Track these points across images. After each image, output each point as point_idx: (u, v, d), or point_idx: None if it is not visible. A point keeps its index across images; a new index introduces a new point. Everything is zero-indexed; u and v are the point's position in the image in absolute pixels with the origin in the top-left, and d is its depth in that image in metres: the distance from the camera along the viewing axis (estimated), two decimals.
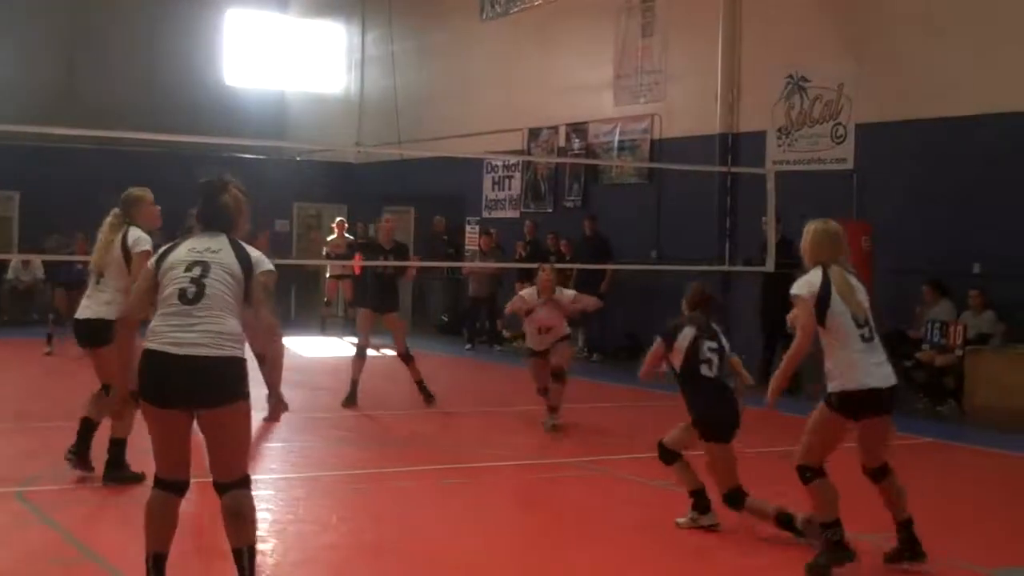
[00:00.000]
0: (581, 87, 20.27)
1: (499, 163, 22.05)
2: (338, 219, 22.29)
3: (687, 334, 7.58)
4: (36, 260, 21.08)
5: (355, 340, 13.36)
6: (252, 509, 5.55)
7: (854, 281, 6.74)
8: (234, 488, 5.46)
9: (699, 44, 18.04)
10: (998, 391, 13.33)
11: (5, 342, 19.25)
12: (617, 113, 19.55)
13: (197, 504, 6.70)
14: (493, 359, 18.94)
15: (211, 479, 5.50)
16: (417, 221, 24.24)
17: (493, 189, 22.40)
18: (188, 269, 5.49)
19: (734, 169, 17.24)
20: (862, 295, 6.74)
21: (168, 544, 5.53)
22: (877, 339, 6.70)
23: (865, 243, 14.70)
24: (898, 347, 14.41)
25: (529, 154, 21.24)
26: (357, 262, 20.53)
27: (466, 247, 22.27)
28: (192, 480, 5.59)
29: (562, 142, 20.76)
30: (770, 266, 14.66)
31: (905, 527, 6.77)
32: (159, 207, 8.79)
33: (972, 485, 10.03)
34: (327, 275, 22.05)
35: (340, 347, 19.50)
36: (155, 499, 5.52)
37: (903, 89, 15.27)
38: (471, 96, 22.65)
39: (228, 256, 5.57)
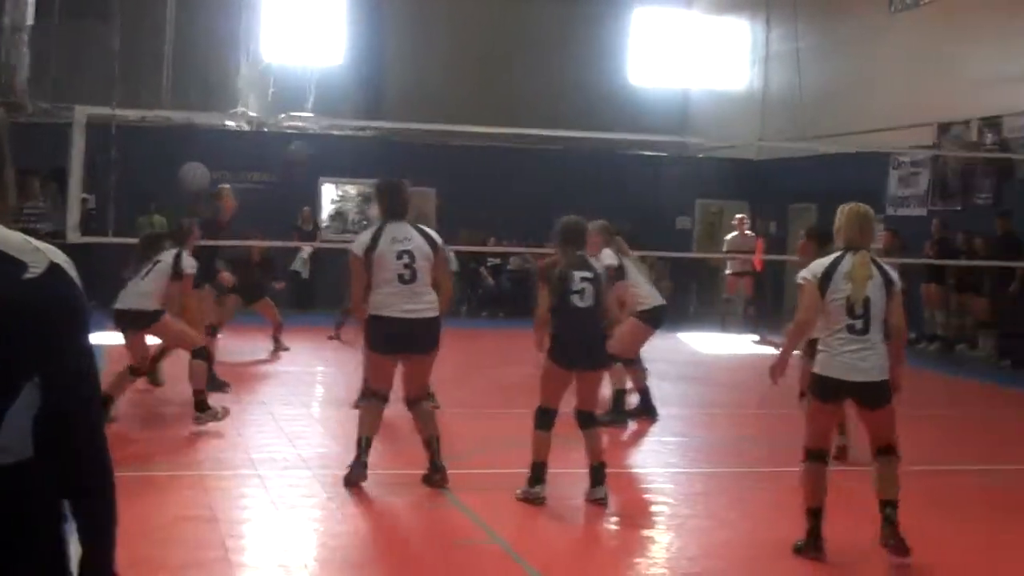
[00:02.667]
0: (995, 79, 19.39)
1: (905, 159, 21.46)
2: (739, 216, 22.30)
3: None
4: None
5: None
6: None
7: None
8: None
9: None
10: None
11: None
12: None
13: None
14: None
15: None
16: (819, 218, 23.91)
17: (899, 186, 21.83)
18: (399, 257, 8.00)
19: None
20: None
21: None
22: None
23: None
24: None
25: (939, 149, 20.54)
26: (759, 257, 20.65)
27: None
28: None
29: (974, 137, 19.97)
30: None
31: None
32: None
33: None
34: (727, 271, 22.10)
35: (739, 344, 19.60)
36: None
37: None
38: (877, 91, 22.14)
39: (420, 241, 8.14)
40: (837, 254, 6.96)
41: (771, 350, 16.17)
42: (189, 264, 10.48)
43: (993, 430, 12.30)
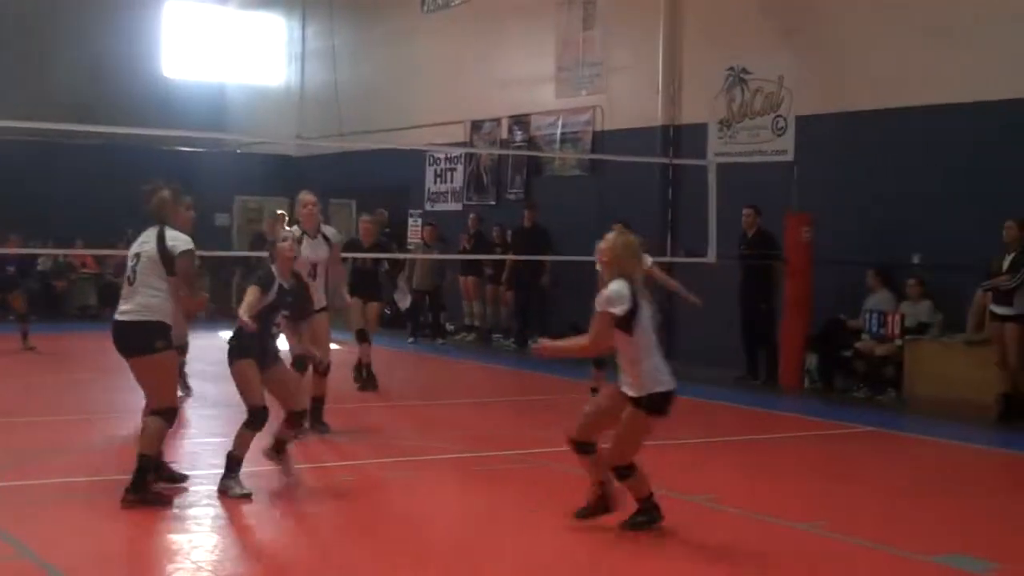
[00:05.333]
0: (523, 79, 20.27)
1: (441, 155, 22.03)
2: (279, 211, 22.10)
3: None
4: None
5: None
6: None
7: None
8: None
9: (640, 36, 18.08)
10: (936, 380, 13.45)
11: None
12: (559, 105, 19.56)
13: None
14: (436, 352, 18.90)
15: None
16: (359, 214, 24.13)
17: (436, 182, 22.38)
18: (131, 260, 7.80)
19: (676, 161, 17.32)
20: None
21: None
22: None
23: (805, 234, 14.88)
24: (837, 336, 14.61)
25: (472, 146, 21.22)
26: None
27: (408, 239, 22.22)
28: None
29: (504, 134, 20.76)
30: (711, 257, 14.81)
31: None
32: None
33: (911, 472, 10.14)
34: None
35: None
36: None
37: (841, 81, 15.40)
38: (413, 88, 22.60)
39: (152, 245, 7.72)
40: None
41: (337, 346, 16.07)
42: None
43: (530, 413, 12.76)
